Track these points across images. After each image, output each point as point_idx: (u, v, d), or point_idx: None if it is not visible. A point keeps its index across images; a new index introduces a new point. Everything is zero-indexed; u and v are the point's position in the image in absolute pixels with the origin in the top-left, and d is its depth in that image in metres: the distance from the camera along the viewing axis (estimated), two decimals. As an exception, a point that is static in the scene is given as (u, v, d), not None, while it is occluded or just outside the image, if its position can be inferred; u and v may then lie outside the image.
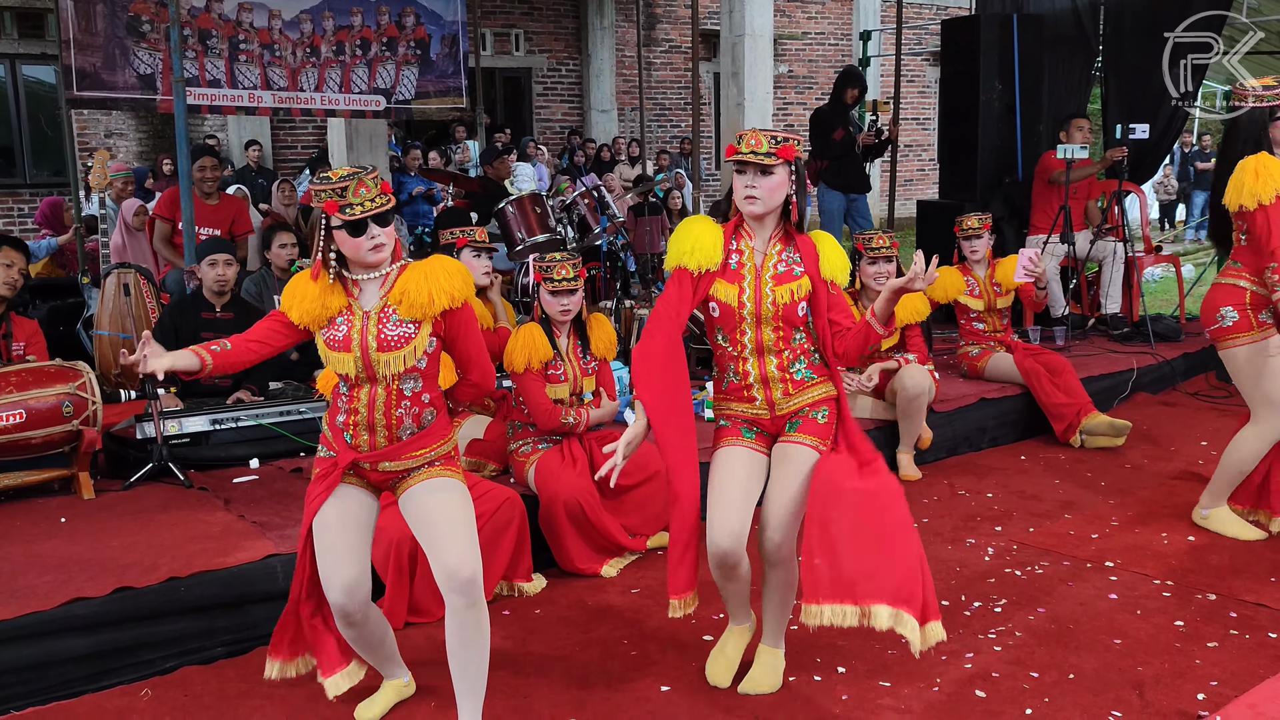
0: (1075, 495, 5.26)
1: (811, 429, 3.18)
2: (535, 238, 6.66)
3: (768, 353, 3.18)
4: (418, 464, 3.00)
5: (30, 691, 3.32)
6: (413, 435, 2.98)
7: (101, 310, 6.47)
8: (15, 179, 12.78)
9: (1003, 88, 8.73)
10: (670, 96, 17.32)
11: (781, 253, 3.17)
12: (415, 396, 2.97)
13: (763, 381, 3.19)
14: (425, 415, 2.99)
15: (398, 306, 2.89)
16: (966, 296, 6.32)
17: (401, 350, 2.90)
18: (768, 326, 3.16)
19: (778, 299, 3.12)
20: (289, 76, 8.26)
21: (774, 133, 3.07)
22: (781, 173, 3.07)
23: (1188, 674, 3.42)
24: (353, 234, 2.84)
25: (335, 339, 2.91)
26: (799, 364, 3.20)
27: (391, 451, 2.97)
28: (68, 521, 4.21)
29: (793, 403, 3.20)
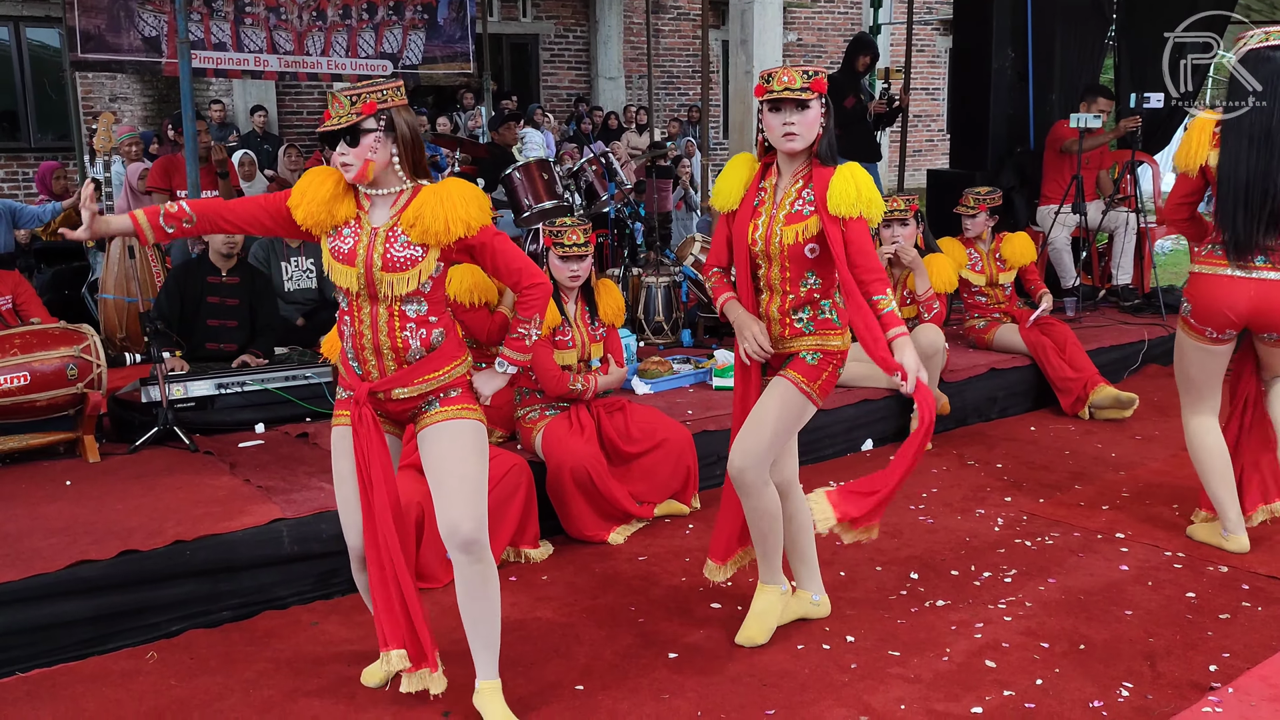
0: (1085, 466, 5.23)
1: (798, 366, 3.23)
2: (542, 204, 6.60)
3: (774, 291, 3.24)
4: (432, 388, 2.89)
5: (36, 654, 3.31)
6: (422, 358, 2.87)
7: (107, 274, 6.43)
8: (20, 143, 12.71)
9: (1015, 56, 8.63)
10: (679, 64, 17.17)
11: (802, 191, 3.17)
12: (421, 319, 2.85)
13: (767, 317, 3.27)
14: (434, 336, 2.87)
15: (409, 230, 2.79)
16: (968, 271, 6.26)
17: (406, 273, 2.79)
18: (776, 265, 3.20)
19: (784, 239, 3.15)
20: (295, 40, 8.18)
21: (804, 68, 3.10)
22: (816, 107, 3.09)
23: (1199, 646, 3.39)
24: (329, 145, 2.80)
25: (340, 250, 2.83)
26: (803, 312, 3.22)
27: (402, 376, 2.86)
28: (73, 485, 4.20)
29: (788, 345, 3.26)
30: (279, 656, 3.38)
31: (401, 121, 2.80)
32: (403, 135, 2.81)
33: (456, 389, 2.93)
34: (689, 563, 4.09)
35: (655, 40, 15.29)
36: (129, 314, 6.31)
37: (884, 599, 3.78)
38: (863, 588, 3.87)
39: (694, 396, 5.47)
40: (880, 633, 3.51)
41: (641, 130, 13.87)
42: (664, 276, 6.74)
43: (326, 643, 3.48)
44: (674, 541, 4.32)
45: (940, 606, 3.71)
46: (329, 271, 2.88)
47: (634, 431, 4.53)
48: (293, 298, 6.40)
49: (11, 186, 12.48)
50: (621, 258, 7.40)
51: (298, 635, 3.54)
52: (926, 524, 4.49)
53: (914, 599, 3.77)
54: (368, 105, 2.75)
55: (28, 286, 5.19)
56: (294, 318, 6.29)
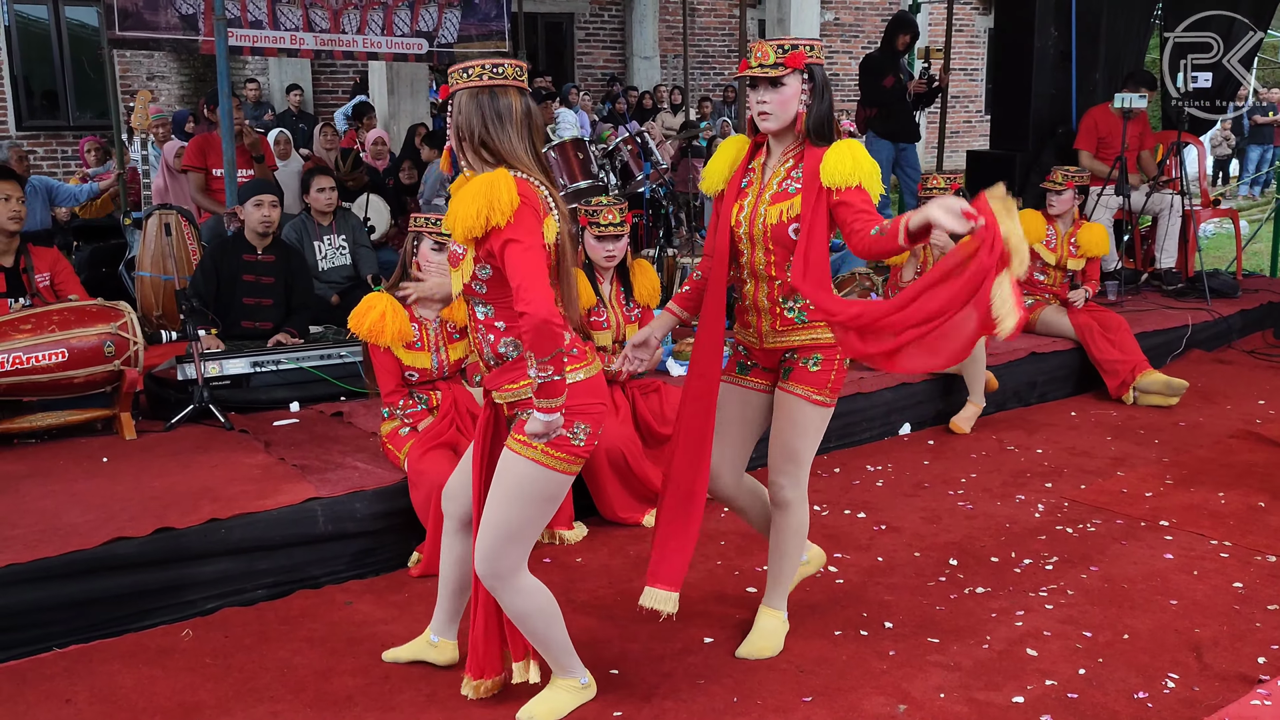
0: (1128, 452, 5.14)
1: (802, 377, 3.08)
2: (577, 184, 6.55)
3: (760, 279, 3.08)
4: (511, 399, 2.75)
5: (73, 630, 3.33)
6: (499, 366, 2.76)
7: (143, 252, 6.44)
8: (59, 120, 12.79)
9: (1058, 35, 8.48)
10: (714, 44, 17.04)
11: (791, 170, 3.00)
12: (488, 322, 2.72)
13: (755, 308, 3.12)
14: (502, 344, 2.72)
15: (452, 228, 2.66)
16: (1041, 246, 6.15)
17: (458, 269, 2.71)
18: (759, 249, 3.03)
19: (768, 218, 2.99)
20: (331, 18, 8.15)
21: (782, 41, 2.93)
22: (793, 83, 2.91)
23: (1247, 637, 3.32)
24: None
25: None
26: (793, 301, 3.05)
27: (490, 380, 2.79)
28: (109, 461, 4.21)
29: (780, 340, 3.10)
30: (313, 636, 3.38)
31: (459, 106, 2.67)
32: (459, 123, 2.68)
33: (522, 412, 2.72)
34: (724, 546, 4.06)
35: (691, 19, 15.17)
36: (165, 292, 6.32)
37: (923, 585, 3.73)
38: (901, 573, 3.82)
39: (729, 378, 5.42)
40: (919, 619, 3.46)
41: (676, 110, 13.78)
42: (699, 257, 6.68)
43: (360, 622, 3.47)
44: (708, 524, 4.27)
45: (980, 594, 3.65)
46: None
47: (669, 413, 4.49)
48: (327, 276, 6.39)
49: (51, 164, 12.57)
50: (657, 238, 7.35)
51: (332, 614, 3.53)
52: (966, 510, 4.43)
53: (953, 585, 3.72)
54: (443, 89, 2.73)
55: (66, 264, 5.20)
56: (328, 296, 6.29)
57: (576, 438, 2.68)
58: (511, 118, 2.65)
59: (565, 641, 2.89)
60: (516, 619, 2.80)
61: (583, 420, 2.69)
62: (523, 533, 2.72)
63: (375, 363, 4.05)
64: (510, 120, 2.65)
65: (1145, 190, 7.71)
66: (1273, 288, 8.05)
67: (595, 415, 2.73)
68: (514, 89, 2.67)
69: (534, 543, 2.80)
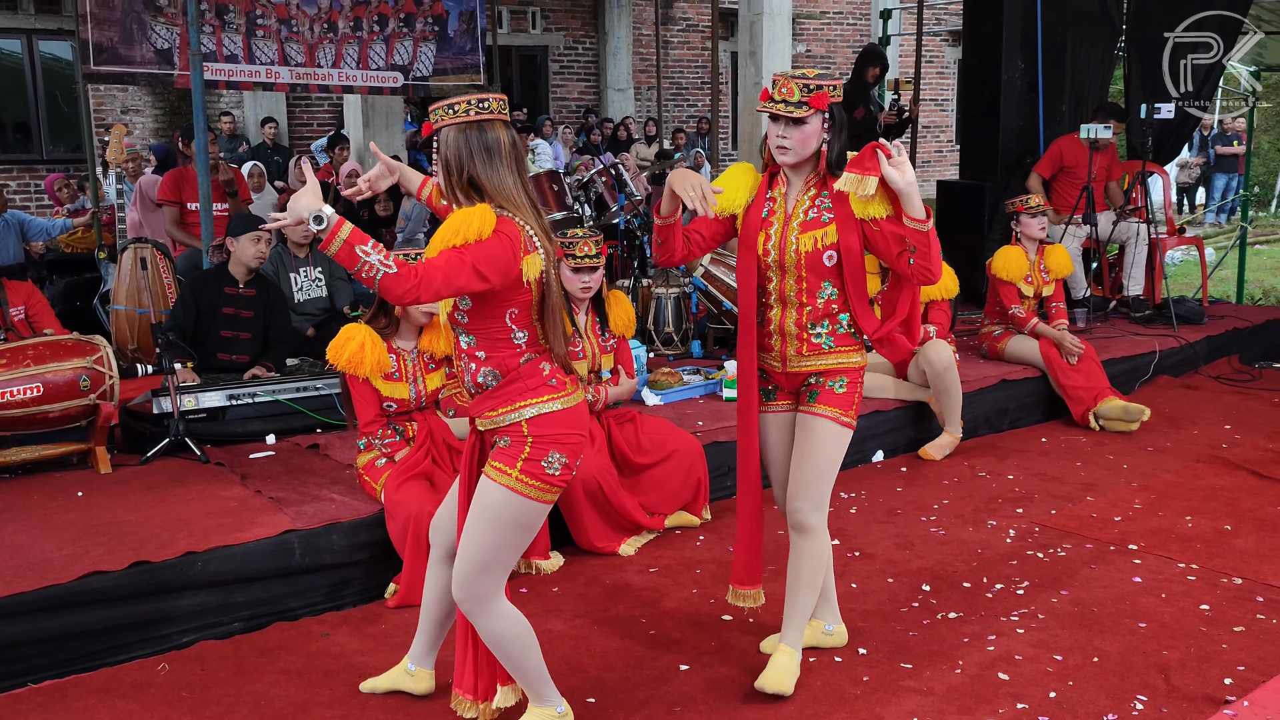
0: (1097, 478, 5.21)
1: (829, 399, 3.12)
2: (552, 215, 6.61)
3: (789, 305, 3.12)
4: (490, 427, 2.77)
5: (48, 664, 3.32)
6: (480, 395, 2.78)
7: (118, 285, 6.45)
8: (32, 154, 12.75)
9: (1025, 66, 8.63)
10: (688, 75, 17.19)
11: (815, 199, 3.07)
12: (470, 351, 2.75)
13: (780, 333, 3.14)
14: (481, 374, 2.74)
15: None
16: (1023, 283, 6.20)
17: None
18: (790, 276, 3.08)
19: (800, 246, 3.05)
20: (306, 52, 8.20)
21: (807, 79, 2.96)
22: (815, 122, 2.99)
23: (1214, 658, 3.37)
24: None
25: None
26: (820, 327, 3.11)
27: (473, 408, 2.81)
28: (84, 495, 4.20)
29: (804, 364, 3.14)
30: (290, 668, 3.38)
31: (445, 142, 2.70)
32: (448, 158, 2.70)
33: (507, 438, 2.74)
34: (700, 574, 4.09)
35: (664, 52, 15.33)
36: (140, 325, 6.32)
37: (896, 611, 3.77)
38: (874, 599, 3.86)
39: (704, 407, 5.47)
40: (892, 645, 3.50)
41: (650, 141, 13.88)
42: (674, 288, 6.73)
43: (337, 654, 3.48)
44: (685, 553, 4.31)
45: (952, 619, 3.69)
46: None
47: (644, 443, 4.53)
48: (303, 308, 6.41)
49: (24, 198, 12.53)
50: (631, 269, 7.40)
51: (308, 646, 3.54)
52: (938, 535, 4.47)
53: (926, 611, 3.76)
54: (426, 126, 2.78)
55: (40, 297, 5.21)
56: (304, 328, 6.30)
57: (551, 467, 2.71)
58: (500, 151, 2.68)
59: (542, 669, 2.90)
60: (493, 645, 2.82)
61: (559, 450, 2.72)
62: (498, 559, 2.75)
63: (354, 393, 4.07)
64: (499, 154, 2.68)
65: (1112, 219, 7.83)
66: (1238, 314, 8.17)
67: (572, 446, 2.76)
68: (499, 122, 2.70)
69: (510, 569, 2.83)
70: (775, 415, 3.28)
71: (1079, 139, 7.59)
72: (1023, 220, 6.23)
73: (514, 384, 2.73)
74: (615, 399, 4.63)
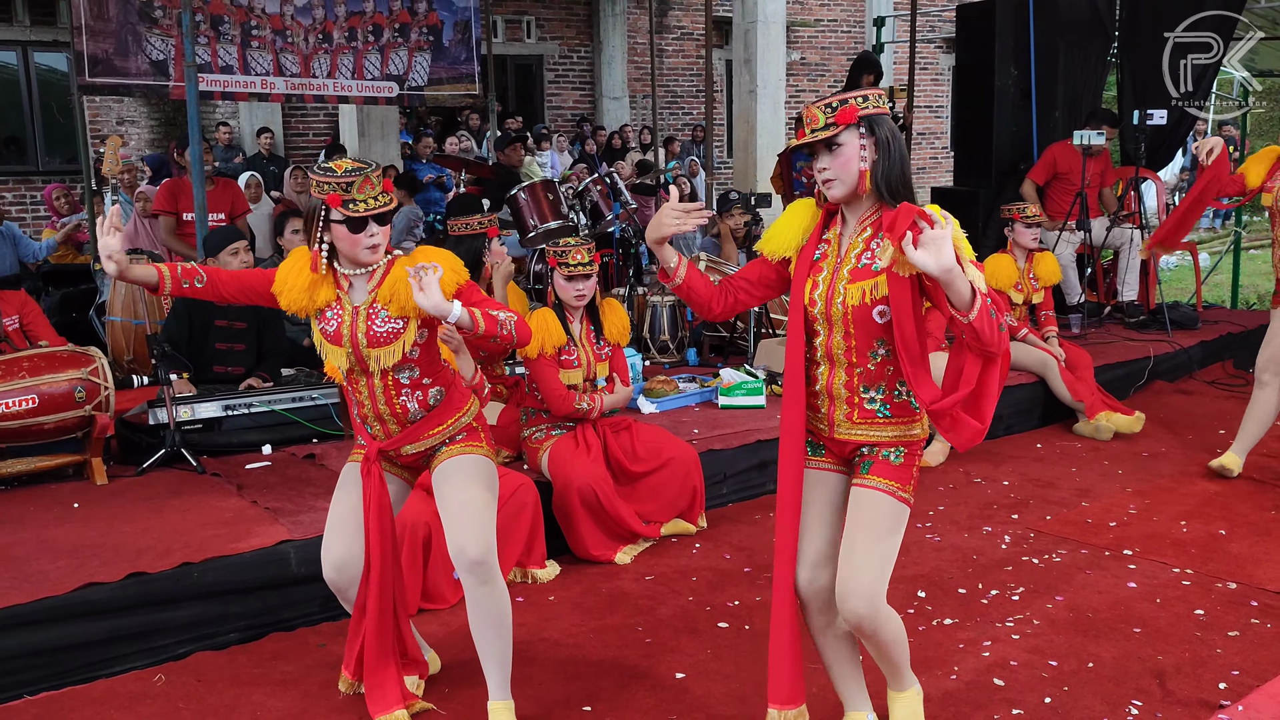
0: (1092, 483, 5.22)
1: (885, 471, 2.65)
2: (548, 224, 6.62)
3: (836, 364, 2.65)
4: (439, 440, 3.04)
5: (44, 676, 3.31)
6: (423, 418, 3.01)
7: (114, 296, 6.45)
8: (27, 166, 12.76)
9: (1018, 73, 8.66)
10: (682, 83, 17.23)
11: (870, 241, 2.59)
12: (415, 382, 2.98)
13: (828, 394, 2.68)
14: (430, 397, 3.01)
15: (387, 305, 2.89)
16: (1013, 290, 6.22)
17: (391, 345, 2.90)
18: (838, 331, 2.61)
19: (848, 299, 2.57)
20: (301, 63, 8.22)
21: (829, 99, 2.57)
22: (850, 140, 2.54)
23: (1209, 663, 3.38)
24: (352, 230, 2.82)
25: (328, 332, 2.95)
26: (875, 392, 2.63)
27: (408, 434, 3.01)
28: (80, 507, 4.20)
29: (855, 433, 2.68)
30: (286, 678, 3.38)
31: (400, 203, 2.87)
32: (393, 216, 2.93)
33: (462, 433, 3.07)
34: (695, 582, 4.09)
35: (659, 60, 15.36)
36: (136, 336, 6.33)
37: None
38: (870, 606, 3.86)
39: (700, 415, 5.48)
40: (888, 651, 3.50)
41: (645, 149, 13.91)
42: (669, 296, 6.75)
43: (333, 664, 3.47)
44: (680, 561, 4.31)
45: (948, 625, 3.70)
46: (320, 351, 2.98)
47: (640, 451, 4.54)
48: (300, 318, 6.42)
49: (20, 210, 12.53)
50: (627, 277, 7.42)
51: (305, 657, 3.54)
52: (933, 542, 4.48)
53: (921, 617, 3.76)
54: (388, 183, 2.88)
55: (35, 307, 5.21)
56: (300, 339, 6.30)
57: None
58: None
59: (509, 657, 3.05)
60: (498, 616, 2.94)
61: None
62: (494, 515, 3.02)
63: None
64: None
65: (1106, 225, 7.86)
66: (1232, 319, 8.20)
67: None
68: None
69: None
70: (820, 472, 2.76)
71: (1072, 145, 7.62)
72: (1017, 228, 6.24)
73: (454, 394, 3.06)
74: (610, 407, 4.64)
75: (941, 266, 2.31)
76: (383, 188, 2.84)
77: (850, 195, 2.59)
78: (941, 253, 2.30)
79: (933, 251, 2.31)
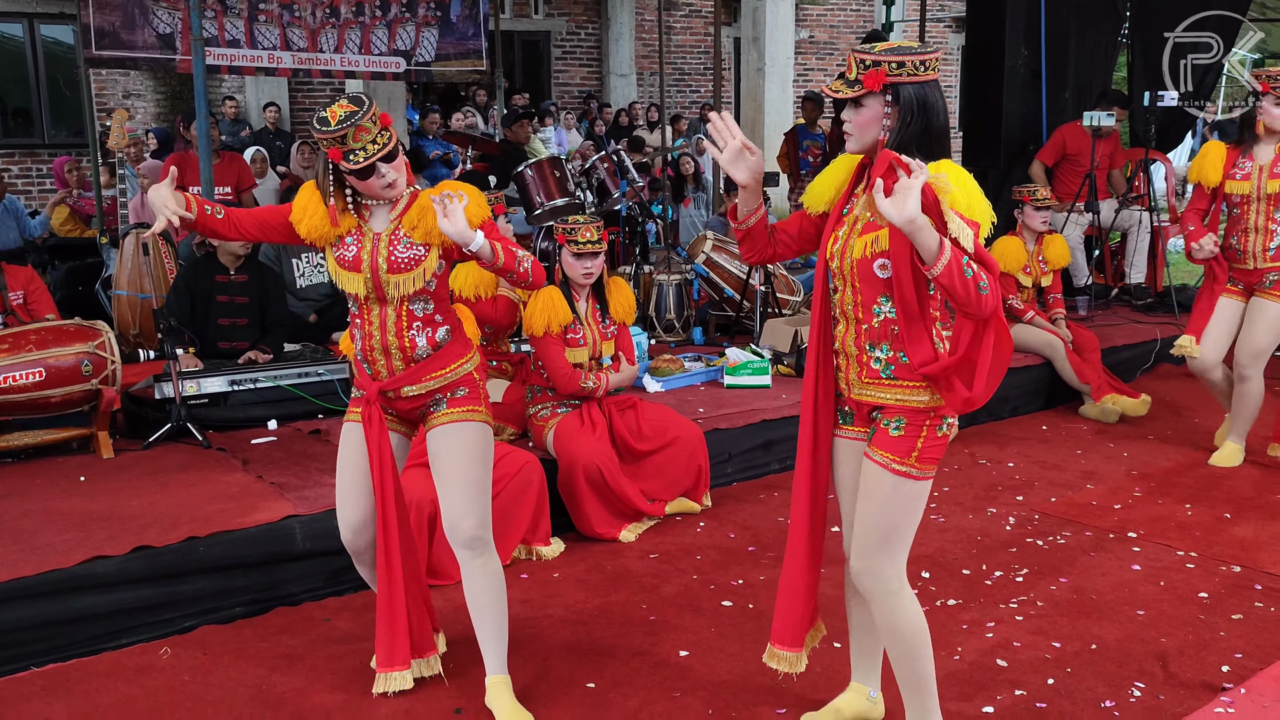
0: (1097, 466, 5.21)
1: (883, 442, 2.58)
2: (554, 202, 6.61)
3: (849, 320, 2.61)
4: (440, 384, 3.01)
5: (51, 648, 3.33)
6: (429, 356, 2.99)
7: (120, 270, 6.46)
8: (34, 139, 12.74)
9: (1028, 54, 8.61)
10: (690, 61, 17.15)
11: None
12: (428, 317, 2.99)
13: (844, 352, 2.64)
14: (439, 335, 3.01)
15: (412, 231, 2.91)
16: (1021, 274, 6.20)
17: (412, 272, 2.90)
18: (848, 287, 2.59)
19: (854, 252, 2.54)
20: (308, 37, 8.19)
21: (868, 54, 2.47)
22: (873, 104, 2.48)
23: (1212, 646, 3.38)
24: (362, 178, 2.84)
25: (345, 258, 2.93)
26: (879, 351, 2.57)
27: (411, 374, 2.98)
28: (87, 480, 4.22)
29: (864, 393, 2.61)
30: (291, 653, 3.40)
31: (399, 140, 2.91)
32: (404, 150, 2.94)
33: (464, 388, 3.03)
34: (700, 560, 4.10)
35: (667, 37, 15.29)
36: (142, 310, 6.34)
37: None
38: (874, 586, 3.86)
39: (705, 394, 5.47)
40: (891, 632, 3.50)
41: (653, 127, 13.85)
42: (675, 274, 6.73)
43: (339, 639, 3.49)
44: (685, 539, 4.32)
45: (951, 605, 3.71)
46: (336, 279, 2.97)
47: (645, 429, 4.54)
48: (306, 294, 6.42)
49: (26, 182, 12.53)
50: (633, 255, 7.40)
51: (310, 631, 3.55)
52: (938, 523, 4.49)
53: (925, 598, 3.76)
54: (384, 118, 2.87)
55: (41, 284, 5.22)
56: (306, 314, 6.31)
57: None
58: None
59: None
60: (494, 590, 3.00)
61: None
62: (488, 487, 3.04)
63: None
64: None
65: (1114, 206, 7.83)
66: (1240, 302, 8.15)
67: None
68: None
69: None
70: (848, 441, 2.74)
71: (1082, 127, 7.58)
72: (1026, 211, 6.21)
73: (459, 339, 3.05)
74: (616, 386, 4.64)
75: (904, 217, 2.24)
76: (380, 126, 2.81)
77: (860, 150, 2.56)
78: (905, 204, 2.24)
79: (897, 202, 2.25)
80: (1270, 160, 4.86)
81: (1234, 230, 5.02)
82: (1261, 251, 4.91)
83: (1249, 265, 4.95)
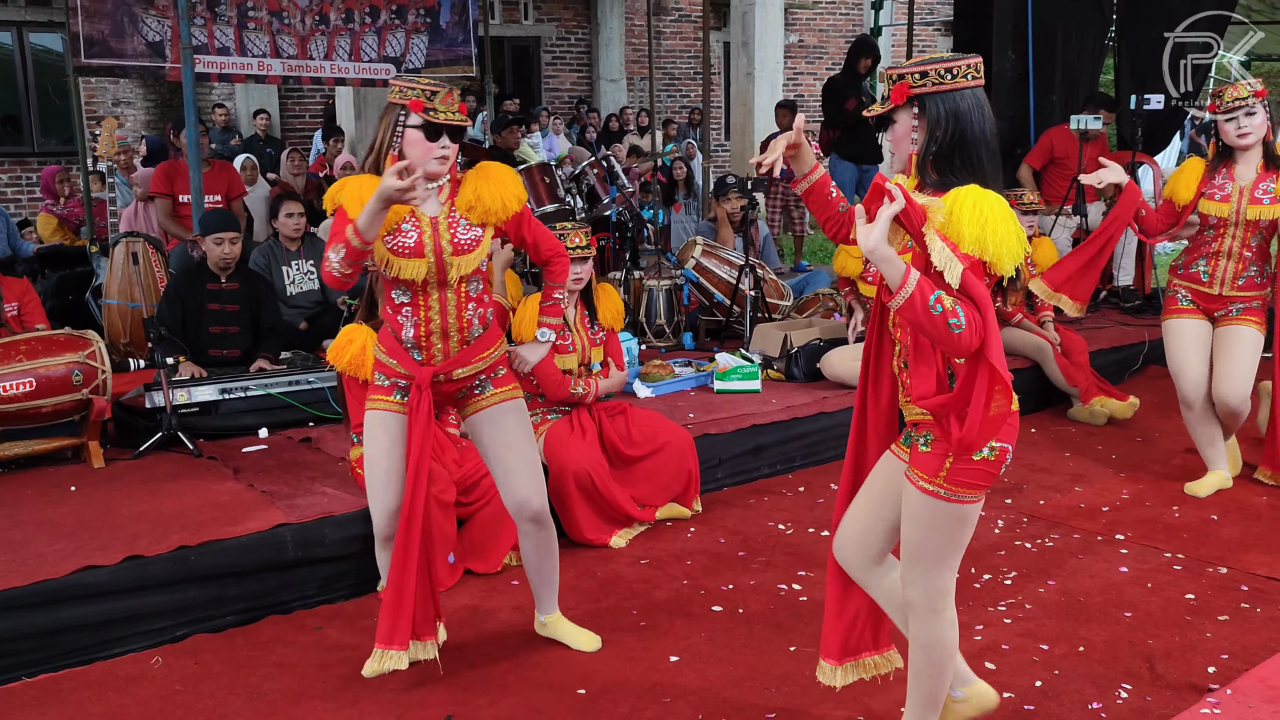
0: (1086, 468, 5.24)
1: (915, 458, 2.52)
2: (544, 208, 6.63)
3: (893, 340, 2.59)
4: (485, 365, 3.16)
5: (41, 659, 3.34)
6: (480, 336, 3.15)
7: (110, 279, 6.45)
8: (23, 147, 12.74)
9: (1016, 57, 8.65)
10: (680, 66, 17.19)
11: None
12: (479, 297, 3.14)
13: (899, 369, 2.61)
14: (487, 314, 3.18)
15: (468, 212, 3.06)
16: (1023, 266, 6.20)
17: (474, 252, 3.05)
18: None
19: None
20: (298, 44, 8.20)
21: (893, 69, 2.45)
22: (903, 119, 2.45)
23: (1198, 647, 3.41)
24: (429, 136, 2.94)
25: (405, 246, 2.98)
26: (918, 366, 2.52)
27: (465, 355, 3.12)
28: (78, 490, 4.22)
29: (908, 410, 2.58)
30: (283, 661, 3.41)
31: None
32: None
33: (502, 368, 3.24)
34: (690, 566, 4.11)
35: (656, 42, 15.30)
36: (133, 319, 6.33)
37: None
38: (863, 590, 3.88)
39: (695, 400, 5.49)
40: (880, 635, 3.52)
41: (643, 132, 13.88)
42: (665, 280, 6.75)
43: (330, 647, 3.50)
44: (675, 545, 4.34)
45: (940, 609, 3.72)
46: (388, 268, 3.00)
47: (635, 435, 4.55)
48: (295, 301, 6.42)
49: (15, 191, 12.52)
50: (624, 261, 7.42)
51: (302, 640, 3.56)
52: (927, 526, 4.50)
53: (914, 601, 3.78)
54: (463, 106, 3.01)
55: (34, 296, 5.22)
56: (296, 322, 6.31)
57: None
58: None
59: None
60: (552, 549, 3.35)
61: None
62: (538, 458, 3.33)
63: (351, 395, 4.08)
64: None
65: (1102, 209, 7.86)
66: (1228, 304, 8.19)
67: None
68: None
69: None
70: (894, 452, 2.69)
71: (1069, 130, 7.62)
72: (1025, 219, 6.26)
73: (495, 321, 3.24)
74: (605, 391, 4.65)
75: (865, 247, 2.20)
76: (459, 109, 2.96)
77: (903, 170, 2.50)
78: (869, 234, 2.20)
79: (863, 231, 2.21)
80: (1251, 182, 4.51)
81: (1201, 252, 4.69)
82: (1231, 279, 4.62)
83: (1213, 290, 4.66)
